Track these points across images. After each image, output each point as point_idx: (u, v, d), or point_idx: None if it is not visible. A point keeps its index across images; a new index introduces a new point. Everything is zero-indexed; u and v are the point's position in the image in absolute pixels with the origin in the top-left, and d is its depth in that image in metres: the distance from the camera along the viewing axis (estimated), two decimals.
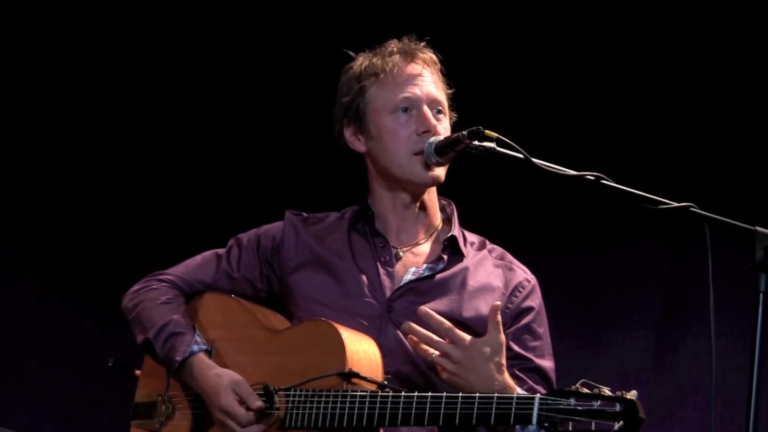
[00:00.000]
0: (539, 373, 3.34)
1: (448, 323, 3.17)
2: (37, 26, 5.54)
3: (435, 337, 3.15)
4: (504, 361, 3.15)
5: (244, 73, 5.62)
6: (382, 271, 3.39)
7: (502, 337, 3.15)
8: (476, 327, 3.29)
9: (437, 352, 3.15)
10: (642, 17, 5.19)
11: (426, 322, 3.18)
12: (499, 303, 3.17)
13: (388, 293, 3.36)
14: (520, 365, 3.32)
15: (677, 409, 5.07)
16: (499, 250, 3.50)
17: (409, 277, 3.38)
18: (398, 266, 3.40)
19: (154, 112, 5.65)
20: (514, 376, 3.24)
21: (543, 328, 3.41)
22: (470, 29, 5.33)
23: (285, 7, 5.51)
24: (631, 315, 5.22)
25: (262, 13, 5.54)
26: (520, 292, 3.41)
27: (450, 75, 3.54)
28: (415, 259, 3.42)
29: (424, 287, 3.37)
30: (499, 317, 3.15)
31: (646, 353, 5.16)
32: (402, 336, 3.29)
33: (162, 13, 5.52)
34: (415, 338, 3.18)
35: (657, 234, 5.06)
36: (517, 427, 3.19)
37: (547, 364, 3.37)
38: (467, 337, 3.14)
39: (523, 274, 3.45)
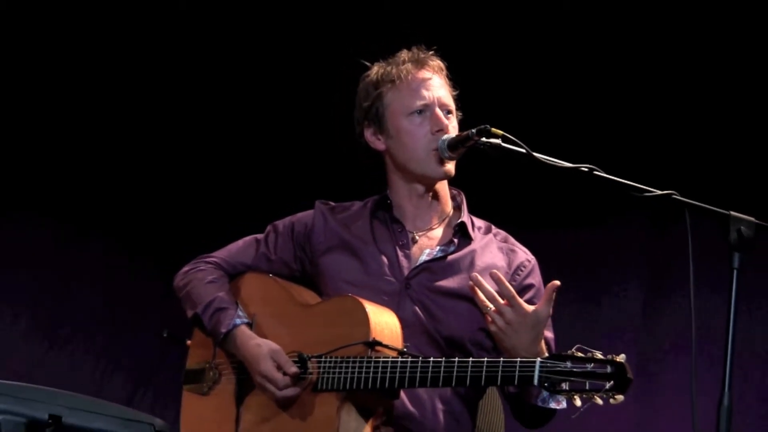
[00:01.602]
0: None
1: (513, 291, 3.34)
2: (54, 20, 5.60)
3: (497, 296, 3.34)
4: (543, 332, 3.36)
5: (267, 73, 5.75)
6: (400, 253, 3.59)
7: (550, 311, 3.34)
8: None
9: (493, 307, 3.34)
10: (628, 21, 5.30)
11: (496, 284, 3.35)
12: (558, 282, 3.30)
13: (405, 272, 3.56)
14: None
15: (662, 361, 5.28)
16: (502, 233, 3.69)
17: (423, 258, 3.58)
18: (414, 249, 3.60)
19: (202, 113, 5.83)
20: None
21: None
22: (469, 31, 5.38)
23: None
24: (622, 279, 5.42)
25: (268, 8, 5.65)
26: (522, 271, 3.61)
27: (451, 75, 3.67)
28: (429, 242, 3.62)
29: (437, 267, 3.57)
30: (554, 295, 3.32)
31: (636, 313, 5.36)
32: (418, 310, 3.51)
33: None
34: (475, 287, 3.36)
35: (644, 209, 5.18)
36: (545, 393, 3.38)
37: (548, 334, 3.50)
38: (525, 305, 3.33)
39: (524, 255, 3.64)
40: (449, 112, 3.62)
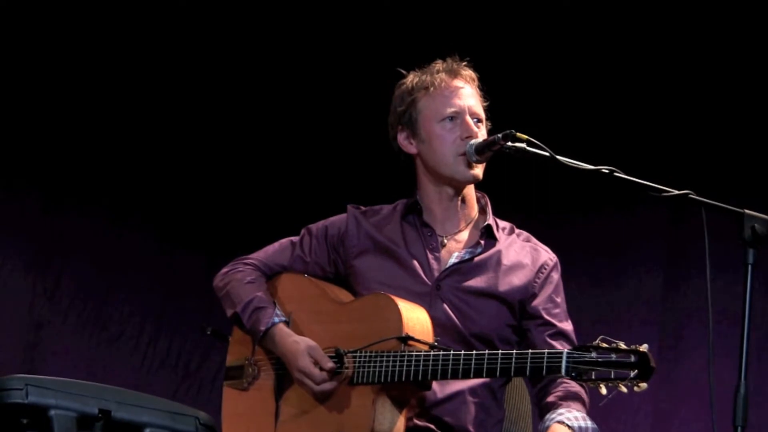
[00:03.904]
0: (564, 336, 3.68)
1: None
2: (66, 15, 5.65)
3: None
4: None
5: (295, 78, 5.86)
6: (430, 256, 3.70)
7: None
8: (509, 298, 3.67)
9: None
10: (645, 27, 5.36)
11: None
12: None
13: (436, 274, 3.67)
14: (549, 331, 3.68)
15: (681, 340, 5.35)
16: (525, 234, 3.81)
17: (452, 260, 3.69)
18: (443, 252, 3.71)
19: (246, 118, 5.95)
20: (545, 342, 3.62)
21: (561, 298, 3.74)
22: (472, 32, 5.37)
23: None
24: (641, 263, 5.49)
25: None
26: (544, 270, 3.74)
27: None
28: (457, 245, 3.73)
29: (466, 268, 3.69)
30: None
31: (655, 295, 5.43)
32: (449, 310, 3.62)
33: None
34: None
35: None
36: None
37: (567, 326, 3.70)
38: None
39: (546, 254, 3.77)
40: (479, 120, 3.73)
